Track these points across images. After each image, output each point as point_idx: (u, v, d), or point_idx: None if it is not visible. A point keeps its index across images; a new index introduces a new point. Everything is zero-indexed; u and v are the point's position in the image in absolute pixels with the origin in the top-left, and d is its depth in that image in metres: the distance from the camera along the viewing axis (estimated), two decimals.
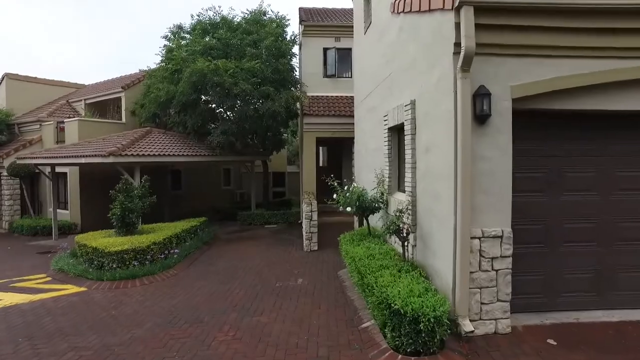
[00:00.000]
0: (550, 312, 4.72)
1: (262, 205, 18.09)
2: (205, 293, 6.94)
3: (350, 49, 14.67)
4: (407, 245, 5.40)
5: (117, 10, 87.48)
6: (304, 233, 10.27)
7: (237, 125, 14.00)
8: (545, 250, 4.77)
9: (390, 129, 7.04)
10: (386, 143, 7.20)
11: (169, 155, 12.80)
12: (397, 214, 5.47)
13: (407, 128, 5.76)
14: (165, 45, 15.61)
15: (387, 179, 7.17)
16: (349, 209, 7.10)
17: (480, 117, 4.21)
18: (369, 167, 9.02)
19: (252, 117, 13.29)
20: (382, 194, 7.09)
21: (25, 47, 71.09)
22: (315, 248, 9.90)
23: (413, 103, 5.62)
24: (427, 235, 5.20)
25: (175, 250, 9.30)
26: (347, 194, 7.34)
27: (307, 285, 7.18)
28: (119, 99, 18.64)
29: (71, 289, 7.55)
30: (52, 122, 17.00)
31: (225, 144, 13.90)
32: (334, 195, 7.56)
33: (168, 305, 6.30)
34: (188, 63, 13.15)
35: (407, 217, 5.51)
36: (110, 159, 10.86)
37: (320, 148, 18.79)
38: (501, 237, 4.32)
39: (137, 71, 19.54)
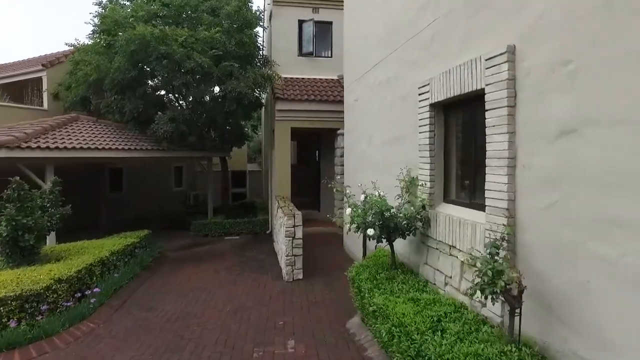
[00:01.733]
0: None
1: (221, 211, 15.20)
2: None
3: (330, 23, 12.14)
4: (514, 313, 2.90)
5: None
6: (282, 257, 7.57)
7: (191, 112, 11.03)
8: None
9: (435, 105, 4.54)
10: (425, 128, 4.69)
11: (96, 149, 9.60)
12: (491, 250, 2.95)
13: (495, 97, 3.28)
14: (97, 12, 12.25)
15: (428, 185, 4.66)
16: (370, 231, 4.55)
17: None
18: (378, 166, 6.51)
19: (212, 101, 10.38)
20: (422, 206, 4.58)
21: None
22: (300, 276, 7.23)
23: (511, 51, 3.15)
24: (561, 297, 2.72)
25: (95, 290, 6.26)
26: (364, 207, 4.81)
27: (305, 354, 4.52)
28: (40, 79, 14.91)
29: None
30: None
31: (175, 136, 10.88)
32: (347, 211, 5.00)
33: None
34: (125, 28, 10.03)
35: (501, 258, 3.00)
36: (3, 153, 7.59)
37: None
38: None
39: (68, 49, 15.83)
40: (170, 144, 11.29)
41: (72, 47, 13.48)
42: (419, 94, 4.78)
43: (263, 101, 15.31)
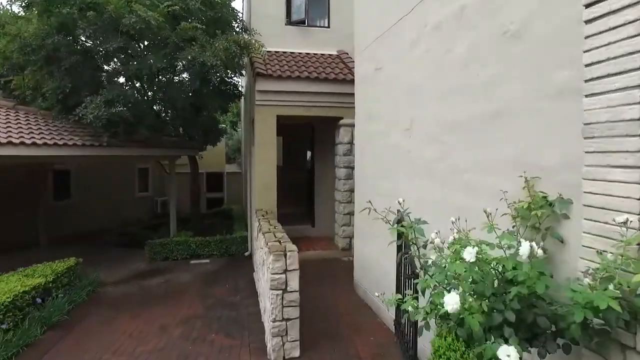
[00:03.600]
0: None
1: (190, 221, 12.34)
2: None
3: None
4: None
5: None
6: (267, 318, 4.62)
7: (137, 93, 8.06)
8: None
9: None
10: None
11: None
12: None
13: None
14: None
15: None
16: (504, 351, 1.72)
17: None
18: (430, 171, 3.74)
19: (165, 75, 7.43)
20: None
21: None
22: (296, 354, 4.34)
23: None
24: None
25: None
26: (448, 268, 1.99)
27: None
28: None
29: None
30: None
31: (122, 129, 7.92)
32: (430, 293, 2.18)
33: None
34: None
35: None
36: None
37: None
38: None
39: None
40: (112, 139, 8.30)
41: None
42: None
43: (242, 89, 12.43)
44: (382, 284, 5.12)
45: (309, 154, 10.69)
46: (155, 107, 8.98)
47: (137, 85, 8.33)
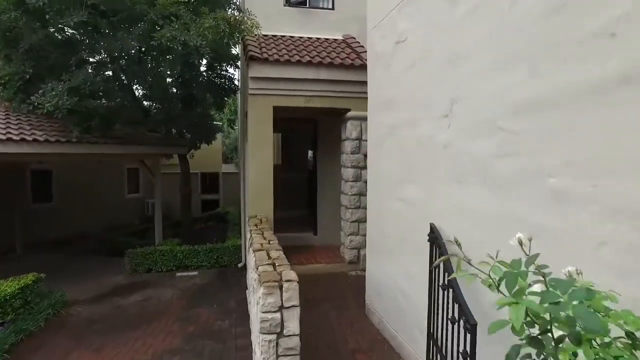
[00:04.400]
0: None
1: (180, 227, 11.31)
2: None
3: None
4: None
5: None
6: None
7: (110, 81, 6.94)
8: None
9: None
10: None
11: None
12: None
13: None
14: None
15: None
16: None
17: None
18: (494, 177, 2.57)
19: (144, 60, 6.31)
20: None
21: None
22: None
23: None
24: None
25: None
26: None
27: None
28: None
29: None
30: None
31: (97, 121, 6.82)
32: None
33: None
34: None
35: None
36: None
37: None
38: None
39: None
40: (85, 134, 7.18)
41: None
42: None
43: (237, 82, 11.32)
44: (406, 314, 4.00)
45: (310, 152, 9.55)
46: (135, 99, 7.83)
47: (111, 72, 7.17)
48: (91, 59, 6.72)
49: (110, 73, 7.17)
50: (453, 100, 3.13)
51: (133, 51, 6.45)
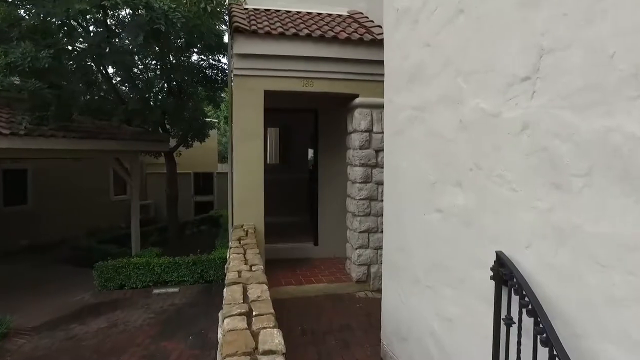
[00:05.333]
0: None
1: (166, 232, 10.16)
2: None
3: None
4: None
5: None
6: None
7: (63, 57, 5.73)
8: None
9: None
10: None
11: None
12: None
13: None
14: None
15: None
16: None
17: None
18: None
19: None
20: None
21: None
22: None
23: None
24: None
25: None
26: None
27: None
28: None
29: None
30: None
31: (55, 112, 5.60)
32: None
33: None
34: None
35: None
36: None
37: (268, 130, 10.87)
38: None
39: None
40: (40, 126, 5.96)
41: None
42: None
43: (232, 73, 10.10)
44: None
45: (310, 148, 8.29)
46: (102, 84, 6.61)
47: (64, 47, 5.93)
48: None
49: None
50: (542, 50, 1.87)
51: (80, 17, 5.20)
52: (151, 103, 8.08)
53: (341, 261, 6.65)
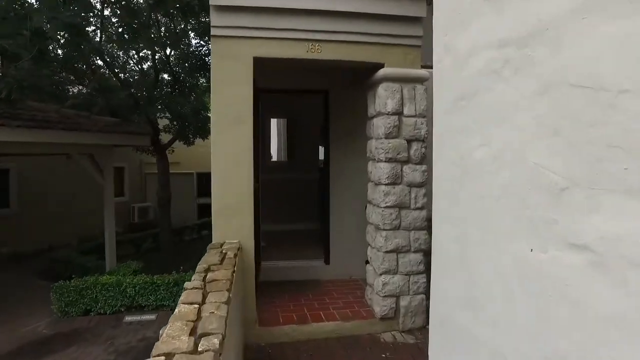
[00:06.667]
0: None
1: (157, 241, 8.84)
2: None
3: None
4: None
5: None
6: None
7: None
8: None
9: None
10: None
11: None
12: None
13: None
14: None
15: None
16: None
17: None
18: None
19: None
20: None
21: None
22: None
23: None
24: None
25: None
26: None
27: None
28: None
29: None
30: None
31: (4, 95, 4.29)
32: None
33: None
34: None
35: None
36: None
37: (273, 120, 9.40)
38: None
39: None
40: None
41: None
42: None
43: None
44: None
45: (323, 139, 6.77)
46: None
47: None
48: None
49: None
50: None
51: None
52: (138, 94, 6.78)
53: (359, 285, 5.13)
